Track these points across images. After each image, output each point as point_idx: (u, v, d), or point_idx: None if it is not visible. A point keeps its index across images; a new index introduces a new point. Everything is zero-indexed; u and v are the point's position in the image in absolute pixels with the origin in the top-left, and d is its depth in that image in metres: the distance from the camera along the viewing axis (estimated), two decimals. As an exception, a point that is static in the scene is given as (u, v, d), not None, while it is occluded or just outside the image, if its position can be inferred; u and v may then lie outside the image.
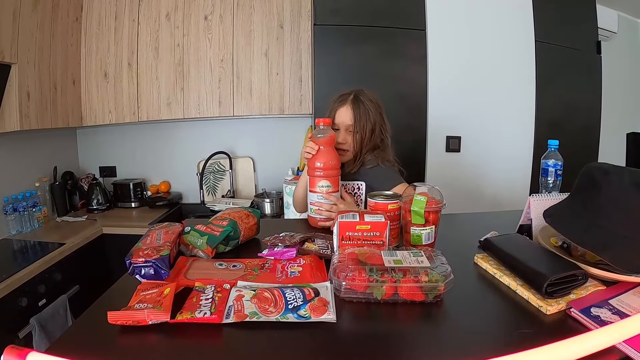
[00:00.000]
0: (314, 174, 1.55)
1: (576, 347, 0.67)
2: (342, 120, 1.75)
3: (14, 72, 2.28)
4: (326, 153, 1.55)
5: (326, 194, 1.54)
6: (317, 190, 1.55)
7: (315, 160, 1.54)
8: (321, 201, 1.55)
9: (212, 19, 2.89)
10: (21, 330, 1.93)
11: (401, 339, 0.86)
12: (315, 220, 1.58)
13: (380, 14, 2.51)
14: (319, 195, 1.55)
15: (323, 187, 1.54)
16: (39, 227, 2.67)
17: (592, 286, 0.97)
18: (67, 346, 0.83)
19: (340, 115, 1.75)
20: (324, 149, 1.55)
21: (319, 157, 1.54)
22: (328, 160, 1.54)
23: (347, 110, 1.74)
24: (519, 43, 2.67)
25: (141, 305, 0.88)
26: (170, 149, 3.40)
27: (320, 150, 1.55)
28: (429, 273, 0.94)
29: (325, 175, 1.54)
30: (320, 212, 1.55)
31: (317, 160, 1.54)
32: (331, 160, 1.54)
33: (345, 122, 1.74)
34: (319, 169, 1.54)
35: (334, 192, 1.56)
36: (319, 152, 1.55)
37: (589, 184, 1.08)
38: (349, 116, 1.74)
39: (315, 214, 1.57)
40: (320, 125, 1.58)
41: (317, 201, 1.56)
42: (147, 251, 1.10)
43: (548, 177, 1.50)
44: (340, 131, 1.75)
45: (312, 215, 1.59)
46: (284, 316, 0.88)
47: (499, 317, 0.96)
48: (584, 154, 2.94)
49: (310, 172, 1.57)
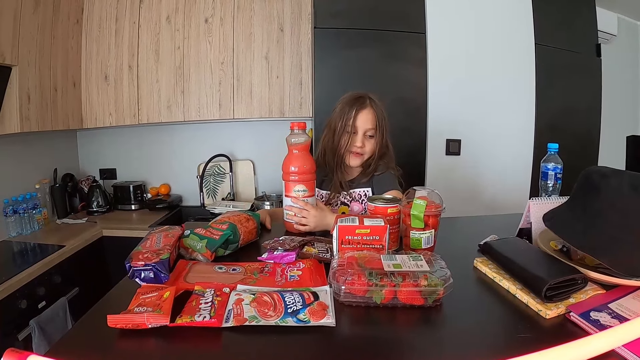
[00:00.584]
0: (288, 179, 1.53)
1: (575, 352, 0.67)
2: (362, 124, 1.69)
3: (15, 74, 2.28)
4: (301, 157, 1.53)
5: (301, 199, 1.52)
6: (292, 194, 1.53)
7: (289, 165, 1.52)
8: (293, 205, 1.53)
9: (212, 22, 2.90)
10: (21, 332, 1.93)
11: (400, 343, 0.86)
12: (291, 224, 1.56)
13: (380, 17, 2.51)
14: (293, 200, 1.53)
15: (299, 192, 1.52)
16: (38, 229, 2.67)
17: (591, 290, 0.97)
18: (66, 349, 0.83)
19: (361, 118, 1.69)
20: (298, 153, 1.53)
21: (293, 161, 1.52)
22: (302, 165, 1.51)
23: (369, 113, 1.70)
24: (519, 46, 2.67)
25: (141, 308, 0.88)
26: (170, 151, 3.41)
27: (295, 154, 1.53)
28: (428, 277, 0.94)
29: (300, 180, 1.52)
30: (292, 217, 1.53)
31: (292, 165, 1.52)
32: (305, 165, 1.52)
33: (366, 126, 1.70)
34: (293, 174, 1.52)
35: (310, 197, 1.54)
36: (293, 156, 1.53)
37: (588, 187, 1.08)
38: (370, 119, 1.70)
39: (288, 219, 1.56)
40: (295, 130, 1.55)
41: (290, 205, 1.54)
42: (147, 254, 1.10)
43: (548, 180, 1.50)
44: (358, 135, 1.70)
45: (286, 220, 1.57)
46: (283, 320, 0.88)
47: (498, 321, 0.95)
48: (584, 157, 2.94)
49: (285, 177, 1.54)
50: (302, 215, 1.51)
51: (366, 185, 1.77)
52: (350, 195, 1.77)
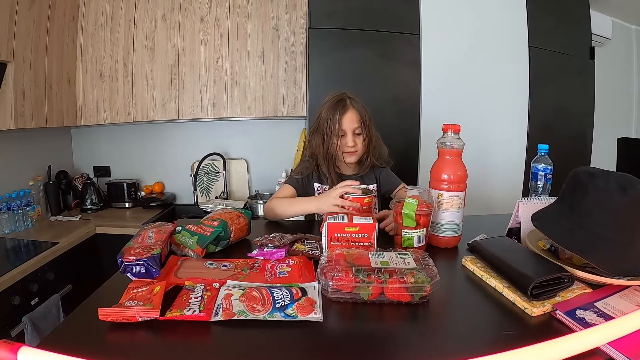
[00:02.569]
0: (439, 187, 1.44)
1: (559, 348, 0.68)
2: (349, 125, 1.74)
3: (10, 70, 2.28)
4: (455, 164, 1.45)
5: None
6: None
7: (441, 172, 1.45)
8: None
9: (208, 21, 2.90)
10: (14, 329, 1.93)
11: (387, 338, 0.87)
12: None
13: (374, 17, 2.52)
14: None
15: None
16: (32, 226, 2.66)
17: (578, 289, 0.99)
18: (58, 341, 0.84)
19: (346, 120, 1.74)
20: (452, 159, 1.46)
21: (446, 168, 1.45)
22: (456, 172, 1.44)
23: (352, 113, 1.75)
24: (513, 48, 2.68)
25: (131, 302, 0.89)
26: (164, 149, 3.41)
27: (447, 160, 1.46)
28: (415, 274, 0.96)
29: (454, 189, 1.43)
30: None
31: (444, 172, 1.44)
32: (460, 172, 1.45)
33: (352, 126, 1.74)
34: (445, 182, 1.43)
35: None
36: (445, 162, 1.45)
37: (576, 187, 1.08)
38: (355, 119, 1.75)
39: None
40: (449, 132, 1.48)
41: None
42: (138, 250, 1.11)
43: (538, 181, 1.52)
44: (347, 136, 1.74)
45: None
46: (271, 315, 0.89)
47: (484, 319, 0.97)
48: (577, 158, 2.96)
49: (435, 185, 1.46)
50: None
51: (371, 181, 1.85)
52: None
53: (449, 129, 1.46)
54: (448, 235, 1.39)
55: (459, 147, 1.44)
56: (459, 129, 1.45)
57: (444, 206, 1.38)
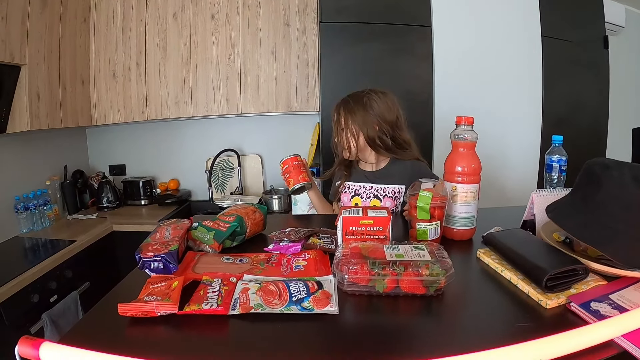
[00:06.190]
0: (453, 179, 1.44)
1: (574, 340, 0.69)
2: (337, 124, 1.81)
3: (24, 73, 2.31)
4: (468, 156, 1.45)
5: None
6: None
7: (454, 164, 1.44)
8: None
9: (219, 18, 2.91)
10: (33, 326, 1.96)
11: (402, 331, 0.87)
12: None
13: (385, 10, 2.51)
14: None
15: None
16: (49, 225, 2.71)
17: (593, 281, 0.98)
18: (78, 337, 0.86)
19: (338, 119, 1.80)
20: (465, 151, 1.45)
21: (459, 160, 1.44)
22: (470, 164, 1.43)
23: (340, 113, 1.79)
24: (525, 39, 2.66)
25: (150, 297, 0.91)
26: (178, 147, 3.44)
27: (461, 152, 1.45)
28: (430, 267, 0.96)
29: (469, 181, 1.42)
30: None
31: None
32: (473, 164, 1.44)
33: (340, 126, 1.79)
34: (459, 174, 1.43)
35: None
36: (459, 155, 1.45)
37: (590, 179, 1.07)
38: (340, 118, 1.79)
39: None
40: (462, 125, 1.47)
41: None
42: (156, 246, 1.12)
43: (552, 172, 1.50)
44: (342, 134, 1.80)
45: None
46: (288, 308, 0.90)
47: (498, 311, 0.96)
48: (592, 150, 2.93)
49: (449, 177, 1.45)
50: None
51: (399, 182, 1.82)
52: (384, 190, 1.82)
53: (462, 121, 1.44)
54: (463, 228, 1.39)
55: (472, 139, 1.42)
56: (472, 121, 1.43)
57: (458, 199, 1.38)
